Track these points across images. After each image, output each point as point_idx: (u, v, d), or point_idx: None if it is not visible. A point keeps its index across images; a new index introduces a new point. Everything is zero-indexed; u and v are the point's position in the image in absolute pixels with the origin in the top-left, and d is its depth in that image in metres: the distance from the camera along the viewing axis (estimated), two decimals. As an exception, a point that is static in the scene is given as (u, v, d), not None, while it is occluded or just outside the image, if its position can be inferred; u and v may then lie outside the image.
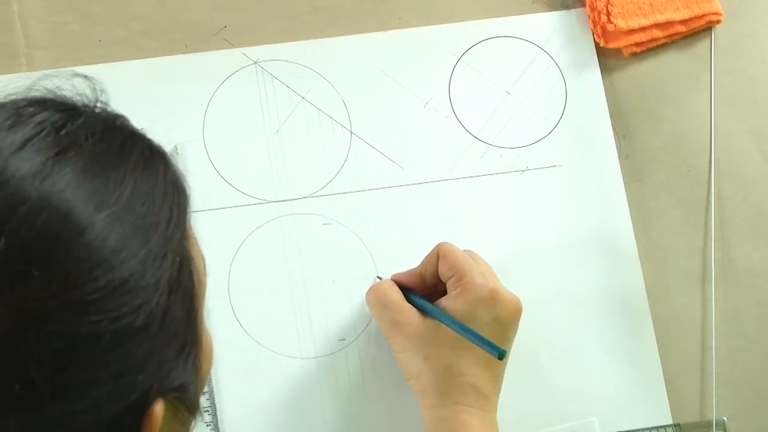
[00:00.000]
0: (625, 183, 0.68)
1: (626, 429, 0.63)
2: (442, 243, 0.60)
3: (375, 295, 0.60)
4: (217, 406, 0.62)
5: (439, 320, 0.57)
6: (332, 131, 0.67)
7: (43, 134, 0.35)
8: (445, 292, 0.59)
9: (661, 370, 0.65)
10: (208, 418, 0.62)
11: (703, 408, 0.65)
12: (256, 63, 0.68)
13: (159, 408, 0.36)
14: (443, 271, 0.59)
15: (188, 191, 0.40)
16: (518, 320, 0.59)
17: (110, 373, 0.34)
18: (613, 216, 0.67)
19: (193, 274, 0.39)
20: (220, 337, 0.63)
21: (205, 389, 0.62)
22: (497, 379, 0.58)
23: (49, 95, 0.39)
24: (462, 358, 0.56)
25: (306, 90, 0.68)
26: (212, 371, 0.62)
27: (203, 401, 0.62)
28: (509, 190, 0.67)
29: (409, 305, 0.59)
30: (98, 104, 0.40)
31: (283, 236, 0.65)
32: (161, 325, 0.35)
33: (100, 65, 0.67)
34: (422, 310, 0.58)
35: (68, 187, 0.33)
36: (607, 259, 0.66)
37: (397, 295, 0.60)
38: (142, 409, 0.35)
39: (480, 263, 0.60)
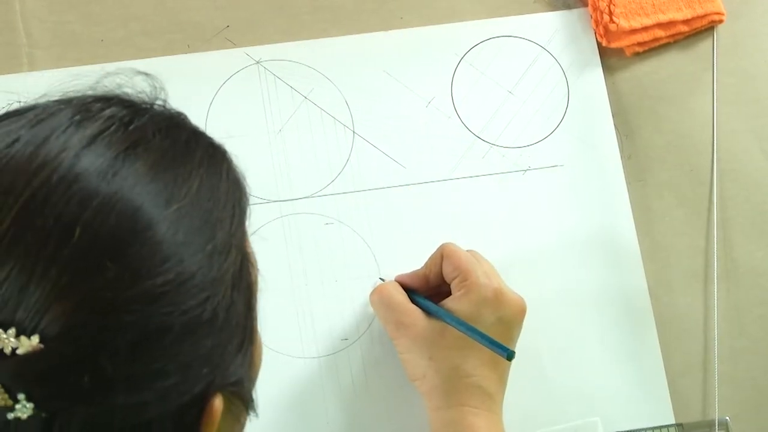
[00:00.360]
0: (628, 183, 0.68)
1: (628, 429, 0.63)
2: (446, 243, 0.60)
3: (379, 297, 0.60)
4: (220, 406, 0.62)
5: (446, 321, 0.57)
6: (334, 131, 0.67)
7: (112, 129, 0.36)
8: (448, 293, 0.59)
9: (663, 369, 0.65)
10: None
11: (705, 408, 0.65)
12: (258, 63, 0.68)
13: (219, 402, 0.36)
14: (447, 272, 0.59)
15: (248, 191, 0.41)
16: (522, 320, 0.59)
17: (178, 364, 0.34)
18: (616, 216, 0.67)
19: (251, 272, 0.40)
20: (223, 337, 0.63)
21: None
22: (502, 380, 0.58)
23: (113, 92, 0.39)
24: (468, 358, 0.56)
25: (308, 90, 0.68)
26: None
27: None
28: (511, 189, 0.67)
29: (414, 306, 0.59)
30: (157, 101, 0.41)
31: (286, 236, 0.65)
32: (226, 318, 0.36)
33: (101, 65, 0.67)
34: (427, 311, 0.58)
35: (138, 183, 0.34)
36: (609, 259, 0.66)
37: (402, 296, 0.60)
38: (203, 403, 0.36)
39: (483, 263, 0.60)
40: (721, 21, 0.71)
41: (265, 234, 0.65)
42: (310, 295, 0.64)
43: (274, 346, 0.63)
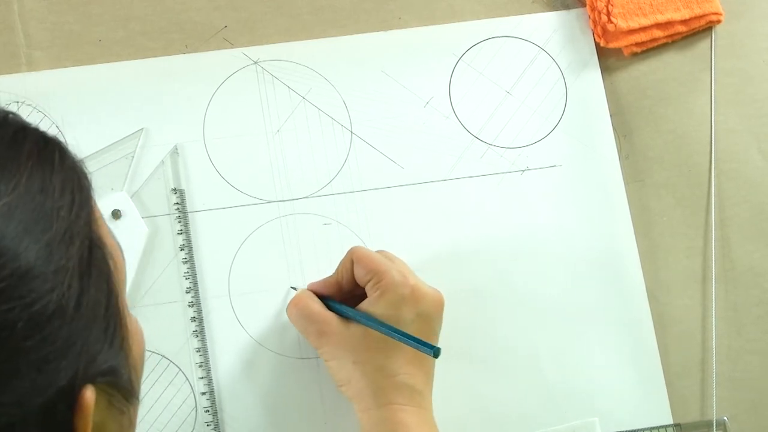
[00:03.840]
0: (626, 183, 0.68)
1: (627, 429, 0.63)
2: (355, 247, 0.60)
3: (296, 308, 0.60)
4: (217, 406, 0.62)
5: (367, 325, 0.56)
6: (333, 131, 0.67)
7: None
8: (363, 297, 0.58)
9: (661, 370, 0.65)
10: (208, 417, 0.62)
11: (703, 408, 0.65)
12: (256, 63, 0.68)
13: (89, 394, 0.35)
14: (360, 276, 0.59)
15: (89, 176, 0.40)
16: (442, 313, 0.59)
17: (31, 361, 0.33)
18: (614, 216, 0.67)
19: (107, 258, 0.39)
20: (221, 337, 0.63)
21: (205, 389, 0.62)
22: (429, 375, 0.58)
23: None
24: (392, 358, 0.56)
25: (306, 90, 0.68)
26: (212, 371, 0.62)
27: (203, 401, 0.62)
28: (509, 190, 0.67)
29: (331, 314, 0.58)
30: None
31: (284, 236, 0.65)
32: (77, 307, 0.35)
33: (100, 65, 0.67)
34: (345, 317, 0.58)
35: None
36: (607, 260, 0.66)
37: (318, 305, 0.59)
38: (72, 397, 0.35)
39: (396, 262, 0.60)
40: (719, 21, 0.71)
41: (264, 234, 0.65)
42: (308, 295, 0.64)
43: (273, 346, 0.63)
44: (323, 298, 0.60)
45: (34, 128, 0.39)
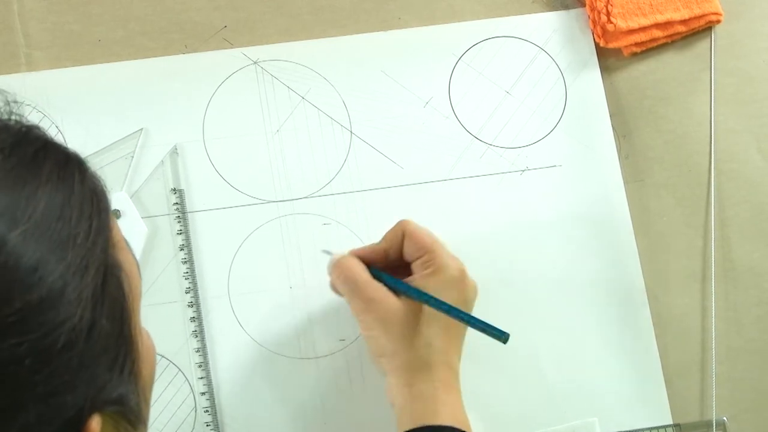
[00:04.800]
0: (625, 183, 0.68)
1: (626, 429, 0.63)
2: (406, 221, 0.59)
3: (343, 273, 0.57)
4: (217, 406, 0.62)
5: (425, 302, 0.55)
6: (332, 131, 0.67)
7: None
8: (404, 271, 0.58)
9: (661, 370, 0.65)
10: (207, 418, 0.62)
11: (703, 408, 0.65)
12: (256, 63, 0.68)
13: (95, 425, 0.35)
14: (410, 251, 0.58)
15: (108, 196, 0.39)
16: (473, 305, 0.58)
17: (38, 394, 0.32)
18: (613, 216, 0.67)
19: (122, 282, 0.38)
20: (220, 337, 0.63)
21: (205, 389, 0.62)
22: (460, 356, 0.58)
23: None
24: (434, 337, 0.56)
25: (306, 90, 0.68)
26: (212, 371, 0.62)
27: (203, 401, 0.62)
28: (509, 190, 0.67)
29: (380, 284, 0.57)
30: (12, 116, 0.38)
31: (283, 236, 0.65)
32: (88, 340, 0.34)
33: (99, 65, 0.67)
34: (394, 289, 0.57)
35: None
36: (607, 259, 0.66)
37: (366, 274, 0.57)
38: (78, 426, 0.34)
39: (444, 244, 0.59)
40: (718, 21, 0.71)
41: (263, 234, 0.65)
42: (308, 296, 0.64)
43: (272, 346, 0.63)
44: (369, 266, 0.58)
45: (55, 145, 0.38)
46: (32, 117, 0.64)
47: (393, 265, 0.59)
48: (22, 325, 0.32)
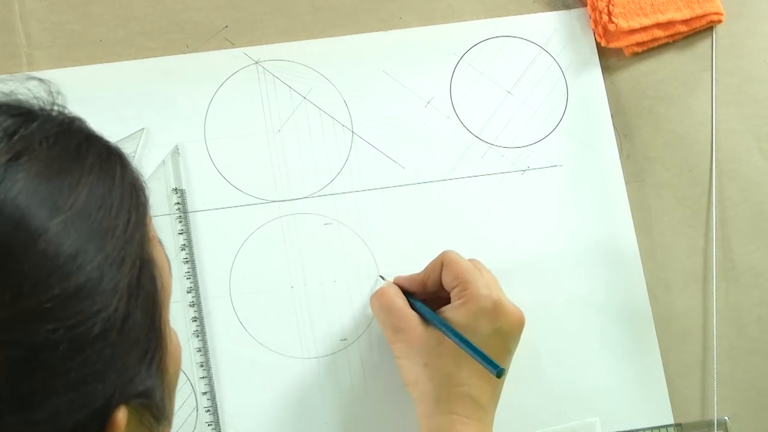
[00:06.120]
0: (627, 183, 0.68)
1: (627, 429, 0.63)
2: (448, 252, 0.60)
3: (379, 301, 0.60)
4: (218, 406, 0.62)
5: (441, 330, 0.56)
6: (333, 131, 0.67)
7: None
8: (446, 300, 0.59)
9: (662, 369, 0.65)
10: (208, 417, 0.62)
11: (704, 408, 0.65)
12: (257, 63, 0.68)
13: (122, 416, 0.35)
14: (447, 281, 0.59)
15: (147, 193, 0.40)
16: (520, 333, 0.59)
17: (70, 381, 0.33)
18: (614, 216, 0.67)
19: (156, 278, 0.39)
20: (221, 337, 0.63)
21: (206, 389, 0.62)
22: (495, 391, 0.58)
23: (2, 100, 0.38)
24: (461, 368, 0.56)
25: (307, 90, 0.68)
26: (213, 371, 0.62)
27: (204, 401, 0.62)
28: (510, 190, 0.67)
29: (413, 313, 0.59)
30: (55, 107, 0.39)
31: (285, 236, 0.65)
32: (121, 331, 0.35)
33: (100, 65, 0.67)
34: (425, 318, 0.58)
35: (21, 194, 0.33)
36: (608, 259, 0.66)
37: (402, 302, 0.59)
38: (105, 417, 0.35)
39: (484, 273, 0.60)
40: (720, 21, 0.71)
41: (265, 234, 0.65)
42: (309, 296, 0.64)
43: (273, 346, 0.63)
44: (408, 295, 0.60)
45: (97, 137, 0.38)
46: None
47: (437, 296, 0.60)
48: (59, 311, 0.32)
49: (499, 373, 0.53)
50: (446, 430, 0.55)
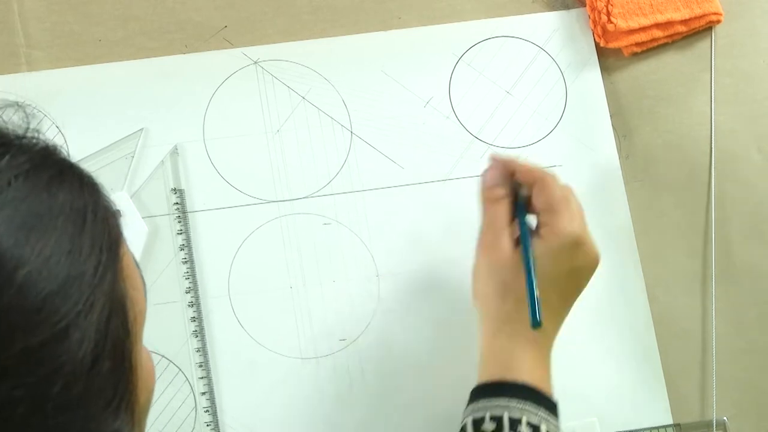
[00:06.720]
0: (626, 183, 0.68)
1: (626, 429, 0.63)
2: (545, 174, 0.58)
3: (491, 210, 0.58)
4: (217, 406, 0.62)
5: (523, 258, 0.55)
6: (332, 131, 0.67)
7: None
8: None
9: (661, 370, 0.65)
10: (208, 417, 0.62)
11: (703, 408, 0.65)
12: (256, 63, 0.68)
13: None
14: (537, 201, 0.57)
15: (120, 222, 0.37)
16: (592, 273, 0.57)
17: None
18: (614, 216, 0.67)
19: (127, 313, 0.36)
20: (221, 337, 0.63)
21: (205, 389, 0.62)
22: (560, 321, 0.57)
23: None
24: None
25: (306, 90, 0.68)
26: (212, 371, 0.62)
27: (203, 401, 0.62)
28: (509, 190, 0.67)
29: (509, 235, 0.56)
30: (28, 133, 0.36)
31: (284, 236, 0.65)
32: (86, 380, 0.33)
33: (100, 65, 0.67)
34: (517, 238, 0.57)
35: None
36: (607, 259, 0.66)
37: (506, 220, 0.57)
38: None
39: (572, 204, 0.57)
40: (719, 21, 0.71)
41: (264, 234, 0.65)
42: (308, 296, 0.64)
43: (272, 346, 0.63)
44: (518, 202, 0.58)
45: (70, 167, 0.36)
46: (32, 117, 0.64)
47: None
48: (21, 368, 0.31)
49: (535, 324, 0.53)
50: (506, 353, 0.55)
